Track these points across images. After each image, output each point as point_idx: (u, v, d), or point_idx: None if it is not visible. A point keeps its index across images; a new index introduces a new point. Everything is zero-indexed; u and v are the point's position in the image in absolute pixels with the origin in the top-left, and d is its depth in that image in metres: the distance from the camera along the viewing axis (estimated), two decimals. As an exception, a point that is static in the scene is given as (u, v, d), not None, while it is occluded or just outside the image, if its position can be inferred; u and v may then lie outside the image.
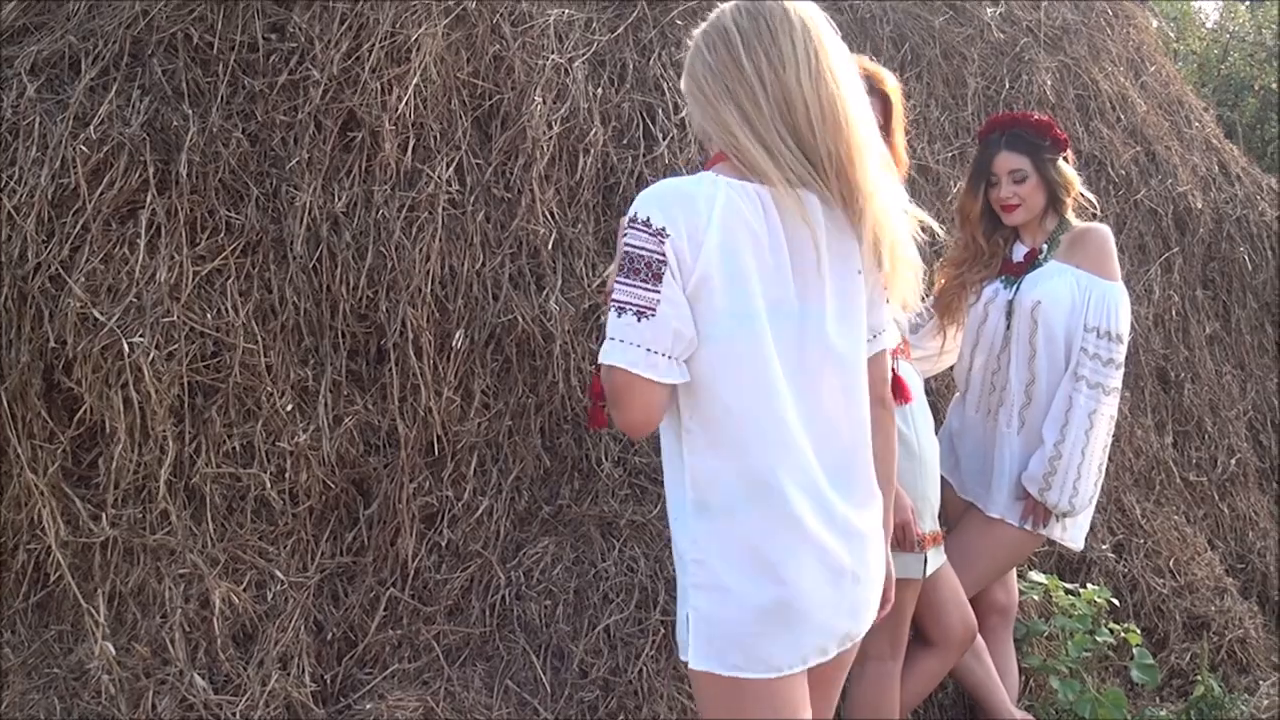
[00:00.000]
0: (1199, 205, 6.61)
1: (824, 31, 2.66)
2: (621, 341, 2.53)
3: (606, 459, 4.32)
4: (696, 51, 2.66)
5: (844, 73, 2.64)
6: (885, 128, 3.95)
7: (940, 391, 4.98)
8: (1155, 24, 9.29)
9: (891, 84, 3.82)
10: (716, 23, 2.65)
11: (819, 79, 2.60)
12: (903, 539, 3.89)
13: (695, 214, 2.55)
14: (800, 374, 2.61)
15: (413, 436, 4.14)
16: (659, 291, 2.52)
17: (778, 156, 2.58)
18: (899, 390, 2.93)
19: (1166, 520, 5.63)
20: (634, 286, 2.52)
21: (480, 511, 4.18)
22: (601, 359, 2.55)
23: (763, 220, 2.59)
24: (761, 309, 2.57)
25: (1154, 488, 5.74)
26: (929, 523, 3.98)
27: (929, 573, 3.97)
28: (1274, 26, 12.68)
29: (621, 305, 2.53)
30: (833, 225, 2.63)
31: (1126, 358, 4.27)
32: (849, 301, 2.67)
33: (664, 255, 2.52)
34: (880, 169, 2.65)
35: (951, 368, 4.52)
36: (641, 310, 2.53)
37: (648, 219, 2.54)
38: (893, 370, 2.88)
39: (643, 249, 2.52)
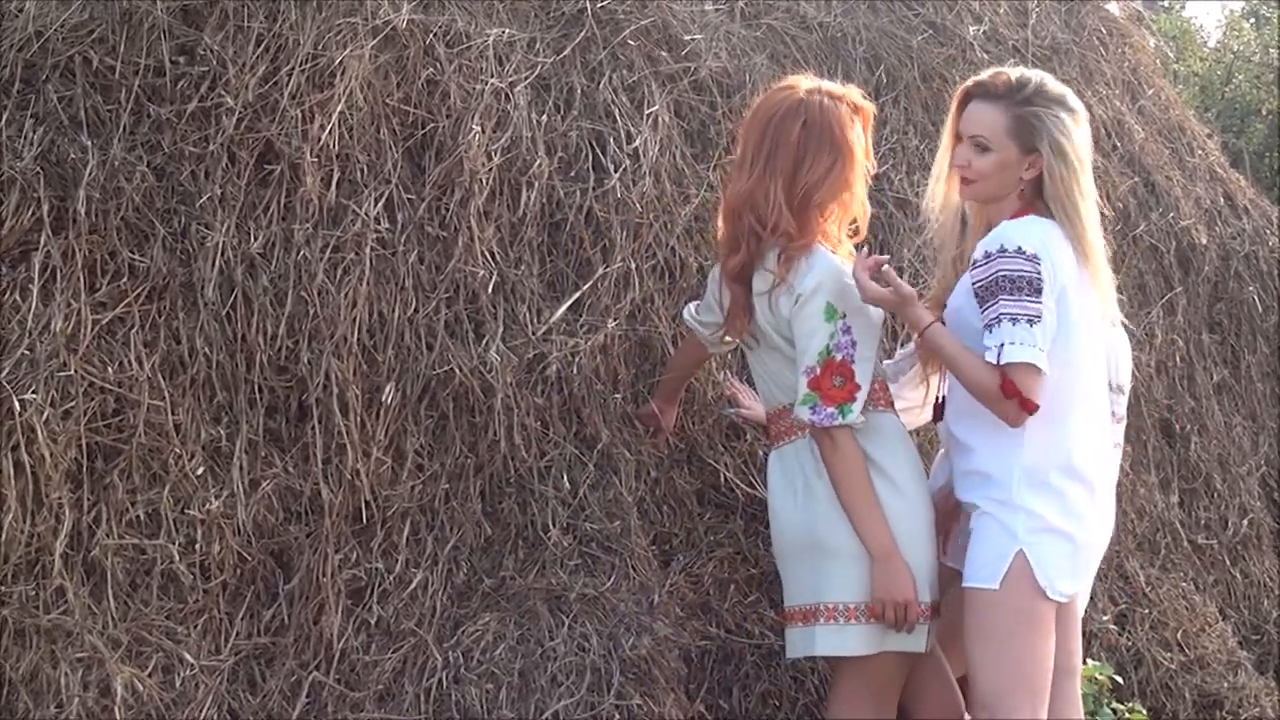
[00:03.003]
0: (1203, 241, 6.70)
1: None
2: (1021, 344, 3.78)
3: (554, 525, 4.33)
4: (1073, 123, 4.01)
5: None
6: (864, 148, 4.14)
7: (924, 449, 5.01)
8: (1153, 43, 9.44)
9: (858, 94, 4.14)
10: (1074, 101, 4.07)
11: None
12: (903, 620, 3.92)
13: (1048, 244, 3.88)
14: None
15: (338, 502, 4.13)
16: (1040, 302, 3.80)
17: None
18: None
19: (1173, 588, 5.67)
20: (1022, 300, 3.80)
21: (414, 585, 4.18)
22: (1008, 359, 3.77)
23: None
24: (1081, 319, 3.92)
25: (1159, 552, 5.79)
26: (930, 591, 4.02)
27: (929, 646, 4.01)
28: (1281, 45, 12.87)
29: (1014, 315, 3.79)
30: None
31: (1127, 409, 4.32)
32: None
33: (1042, 275, 3.81)
34: None
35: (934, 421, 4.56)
36: (1031, 318, 3.79)
37: (1020, 248, 3.82)
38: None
39: (1022, 270, 3.81)
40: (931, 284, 4.49)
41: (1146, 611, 5.47)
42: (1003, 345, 3.80)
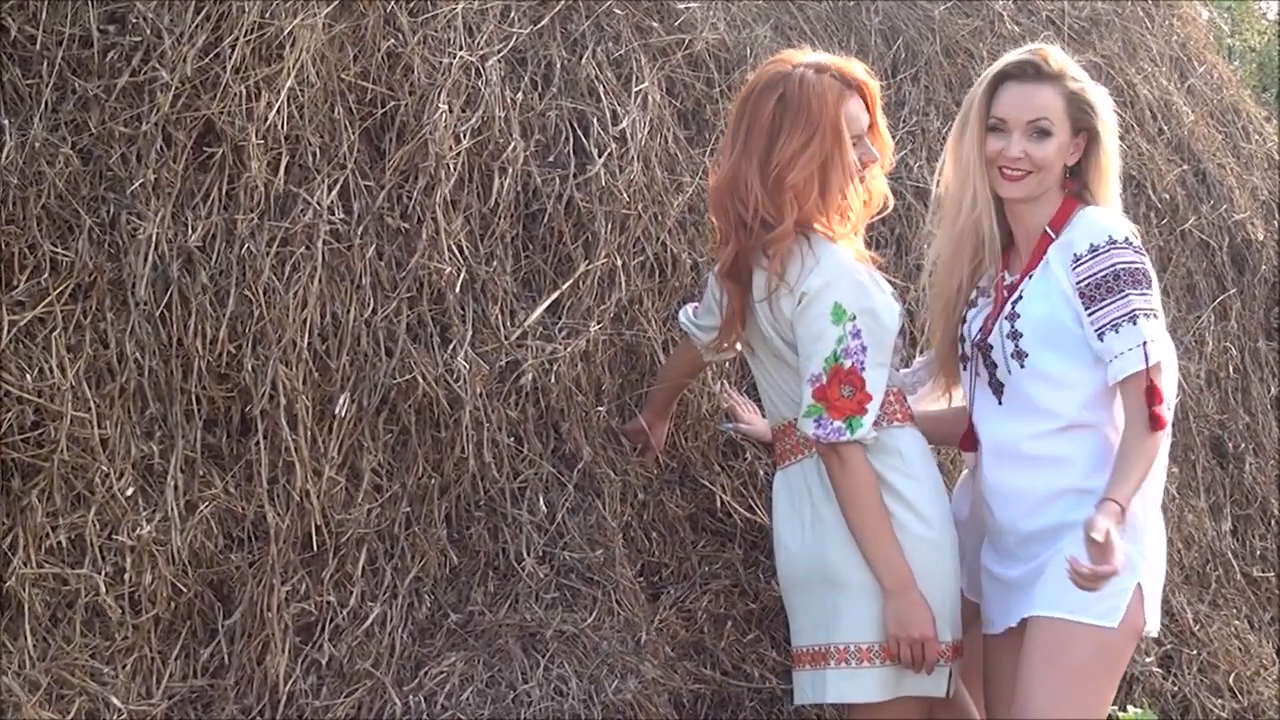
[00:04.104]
0: (1260, 236, 6.71)
1: None
2: (1157, 342, 3.85)
3: (529, 554, 4.33)
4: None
5: None
6: (872, 122, 4.16)
7: (946, 468, 5.02)
8: (1205, 15, 9.45)
9: (866, 73, 4.15)
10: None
11: None
12: (920, 659, 3.93)
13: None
14: None
15: (285, 527, 4.14)
16: (1156, 298, 3.90)
17: None
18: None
19: (1225, 626, 5.68)
20: (1146, 295, 3.87)
21: (370, 621, 4.18)
22: (1157, 358, 3.83)
23: None
24: None
25: (1209, 586, 5.80)
26: (952, 630, 4.02)
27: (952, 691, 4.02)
28: (1351, 16, 12.89)
29: (1147, 311, 3.85)
30: None
31: (1173, 424, 4.32)
32: None
33: (1150, 270, 3.92)
34: None
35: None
36: (1156, 314, 3.89)
37: (1127, 239, 3.92)
38: None
39: (1138, 263, 3.89)
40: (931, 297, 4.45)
41: (1195, 653, 5.47)
42: (1145, 343, 3.86)
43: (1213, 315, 6.36)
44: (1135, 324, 3.84)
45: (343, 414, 4.23)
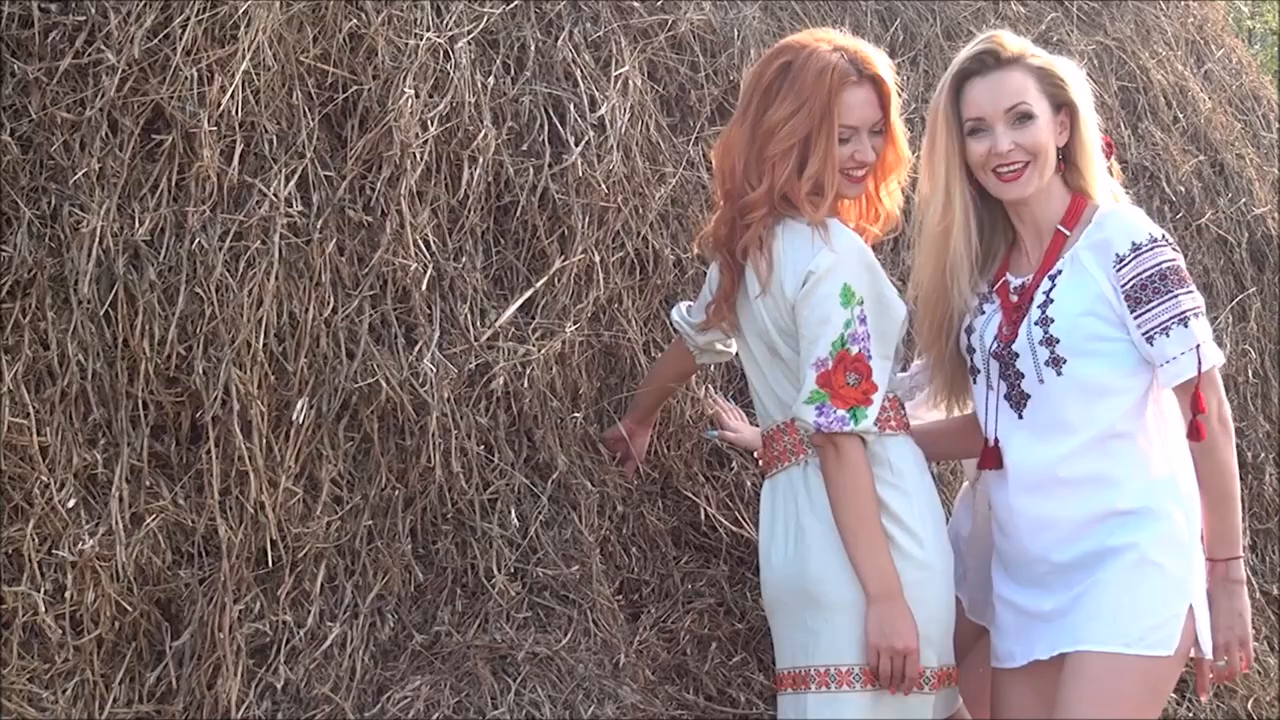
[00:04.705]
0: (1281, 232, 6.74)
1: None
2: (1209, 343, 3.90)
3: (499, 570, 4.33)
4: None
5: None
6: (885, 123, 4.15)
7: (945, 479, 5.03)
8: (1224, -5, 9.45)
9: (883, 66, 4.14)
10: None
11: None
12: (901, 673, 3.92)
13: None
14: None
15: (238, 542, 4.13)
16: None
17: None
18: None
19: (1243, 648, 5.69)
20: (1193, 293, 3.91)
21: (329, 642, 4.18)
22: (1211, 361, 3.90)
23: None
24: None
25: (1226, 604, 5.81)
26: (939, 655, 4.02)
27: None
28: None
29: (1198, 311, 3.90)
30: None
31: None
32: None
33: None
34: None
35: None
36: (1199, 311, 3.91)
37: (1164, 236, 3.94)
38: None
39: (1178, 261, 3.92)
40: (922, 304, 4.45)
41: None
42: (1199, 346, 3.90)
43: (1230, 316, 6.38)
44: (1187, 326, 3.88)
45: (300, 420, 4.23)
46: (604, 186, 4.76)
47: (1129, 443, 3.95)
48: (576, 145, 4.77)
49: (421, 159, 4.52)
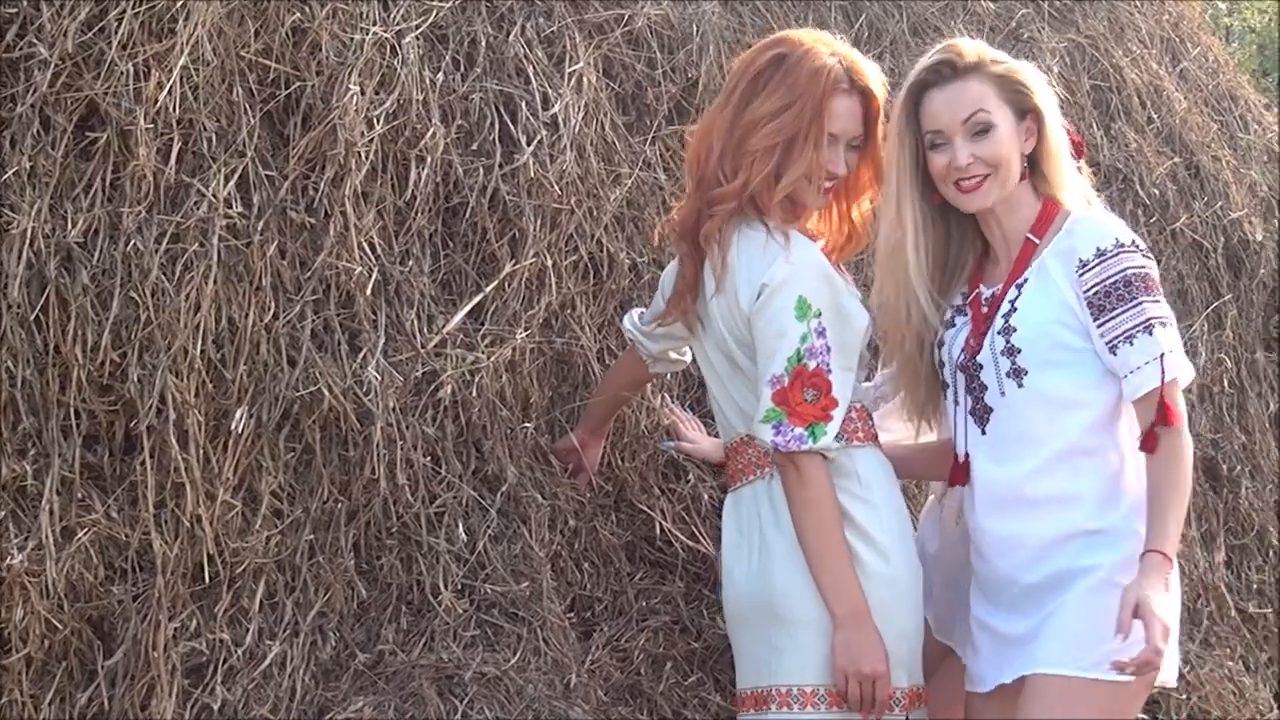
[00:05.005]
0: (1258, 237, 6.77)
1: None
2: (1175, 353, 3.88)
3: (446, 587, 4.33)
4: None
5: None
6: (864, 138, 4.15)
7: (911, 492, 5.04)
8: (1201, -8, 9.49)
9: (876, 82, 4.15)
10: None
11: None
12: (870, 698, 3.93)
13: None
14: None
15: (174, 556, 4.12)
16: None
17: None
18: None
19: (1218, 668, 5.72)
20: (1159, 301, 3.89)
21: (269, 661, 4.17)
22: (1174, 372, 3.86)
23: None
24: None
25: (1200, 624, 5.84)
26: (909, 675, 4.03)
27: None
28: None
29: (1164, 319, 3.88)
30: None
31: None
32: None
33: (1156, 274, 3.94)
34: None
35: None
36: (1171, 322, 3.90)
37: (1134, 241, 3.94)
38: None
39: (1147, 267, 3.91)
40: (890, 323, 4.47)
41: (1184, 697, 5.51)
42: (1163, 355, 3.87)
43: (1206, 323, 6.41)
44: (1151, 334, 3.86)
45: (239, 430, 4.22)
46: (557, 188, 4.77)
47: (1096, 459, 3.96)
48: (528, 145, 4.78)
49: (367, 158, 4.52)
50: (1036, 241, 4.04)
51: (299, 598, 4.26)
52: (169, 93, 4.27)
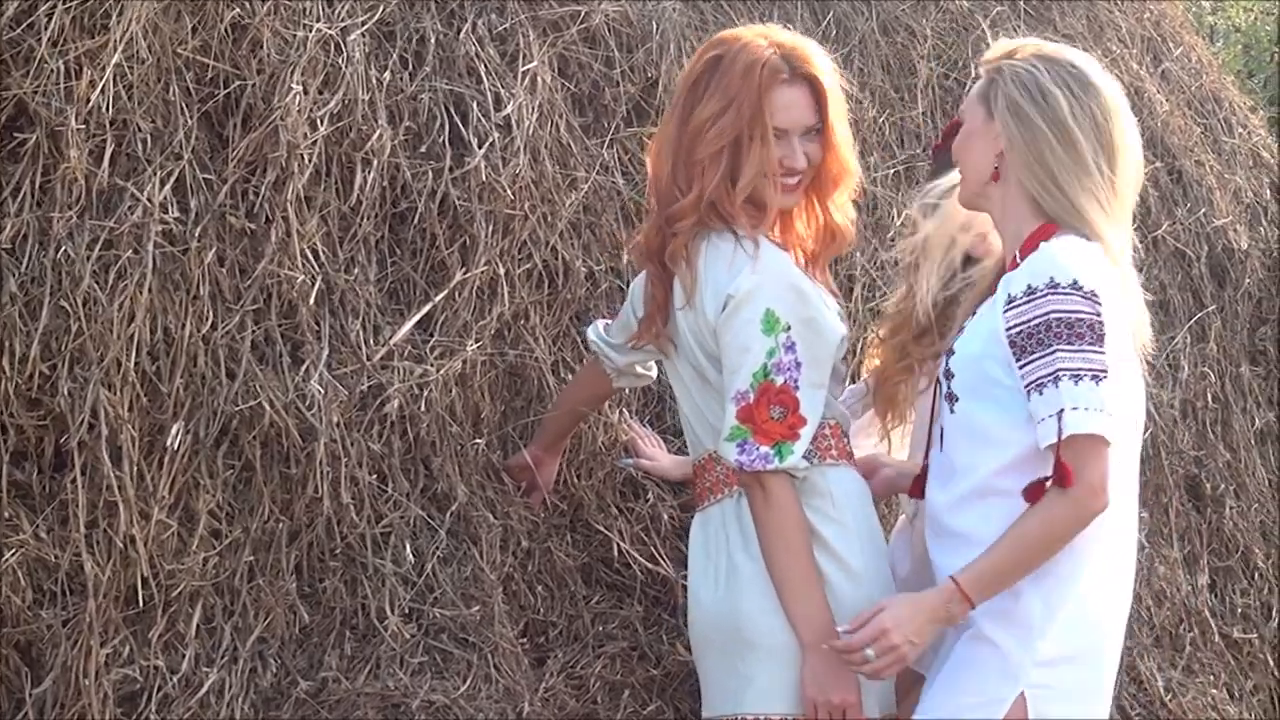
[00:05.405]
0: (1243, 245, 6.79)
1: None
2: (1088, 409, 3.69)
3: (392, 611, 4.33)
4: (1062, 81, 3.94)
5: None
6: (820, 125, 4.13)
7: (881, 512, 5.06)
8: (1183, -12, 9.53)
9: (822, 65, 4.12)
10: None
11: None
12: None
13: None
14: None
15: (106, 579, 4.12)
16: (1104, 353, 3.73)
17: None
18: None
19: (1200, 695, 5.74)
20: (1081, 350, 3.72)
21: (206, 689, 4.16)
22: (1074, 429, 3.68)
23: None
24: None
25: (1183, 649, 5.86)
26: (881, 703, 4.05)
27: None
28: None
29: (1076, 371, 3.70)
30: None
31: (1141, 461, 4.39)
32: None
33: (1102, 319, 3.74)
34: None
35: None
36: (1097, 373, 3.71)
37: (1075, 283, 3.75)
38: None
39: (1079, 312, 3.74)
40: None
41: (1166, 726, 5.54)
42: (1062, 411, 3.74)
43: (1189, 336, 6.43)
44: (1056, 386, 3.73)
45: (175, 446, 4.22)
46: (510, 192, 4.77)
47: (1008, 502, 3.85)
48: (480, 147, 4.78)
49: (310, 161, 4.52)
50: (1019, 262, 3.93)
51: (238, 622, 4.26)
52: (102, 91, 4.26)
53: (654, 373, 4.52)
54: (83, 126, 4.24)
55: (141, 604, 4.17)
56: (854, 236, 4.35)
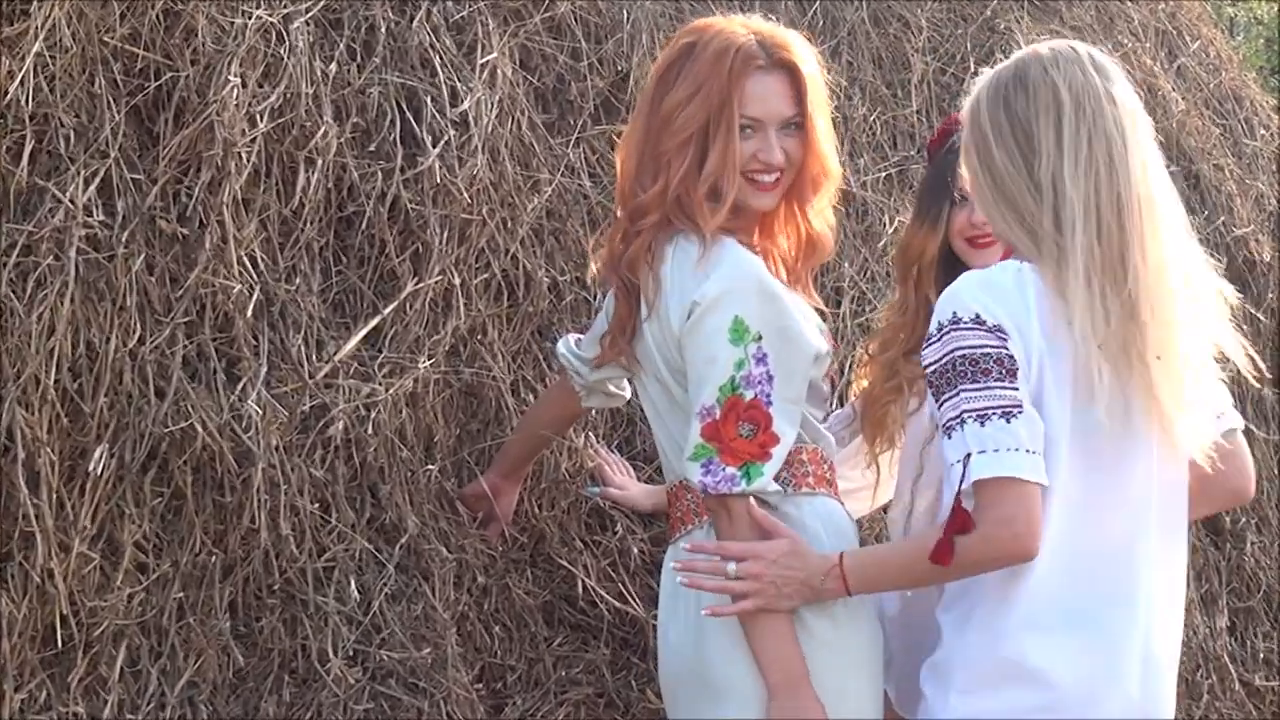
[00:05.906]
0: (1266, 257, 6.82)
1: None
2: (996, 451, 3.61)
3: (336, 653, 4.33)
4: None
5: None
6: (800, 119, 4.13)
7: (866, 543, 5.06)
8: (1201, -22, 9.57)
9: (802, 53, 4.12)
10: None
11: None
12: None
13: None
14: None
15: (21, 617, 4.10)
16: (1017, 388, 3.65)
17: None
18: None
19: (1219, 746, 5.76)
20: (987, 388, 3.65)
21: (131, 738, 4.16)
22: (978, 475, 3.60)
23: None
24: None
25: (1200, 697, 5.87)
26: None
27: None
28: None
29: (983, 412, 3.63)
30: None
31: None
32: None
33: (1010, 351, 3.67)
34: None
35: (886, 508, 4.61)
36: (1008, 410, 3.64)
37: (977, 316, 3.68)
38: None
39: (983, 348, 3.67)
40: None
41: (1180, 780, 5.55)
42: (968, 456, 3.69)
43: (1206, 355, 6.45)
44: (962, 429, 3.69)
45: (98, 472, 4.21)
46: (466, 195, 4.78)
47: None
48: (434, 146, 4.79)
49: (248, 160, 4.52)
50: None
51: (165, 665, 4.25)
52: (20, 83, 4.26)
53: (627, 393, 4.50)
54: (0, 122, 4.23)
55: (60, 644, 4.16)
56: (832, 245, 4.32)
